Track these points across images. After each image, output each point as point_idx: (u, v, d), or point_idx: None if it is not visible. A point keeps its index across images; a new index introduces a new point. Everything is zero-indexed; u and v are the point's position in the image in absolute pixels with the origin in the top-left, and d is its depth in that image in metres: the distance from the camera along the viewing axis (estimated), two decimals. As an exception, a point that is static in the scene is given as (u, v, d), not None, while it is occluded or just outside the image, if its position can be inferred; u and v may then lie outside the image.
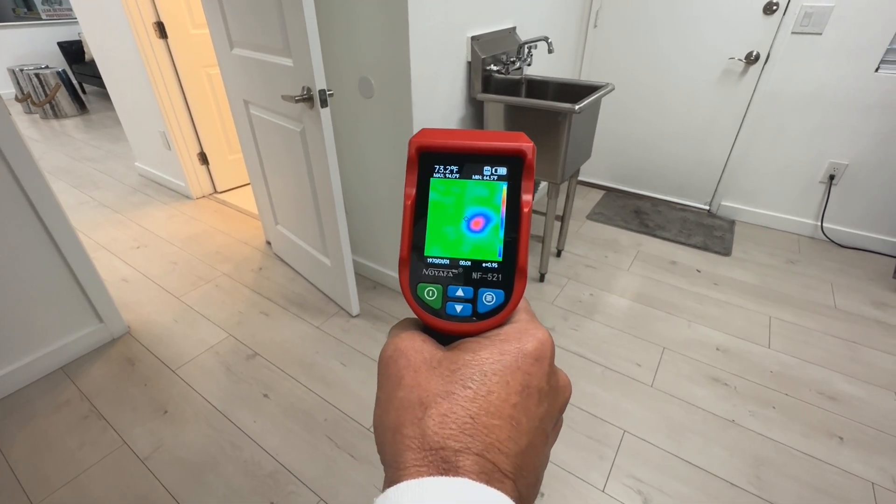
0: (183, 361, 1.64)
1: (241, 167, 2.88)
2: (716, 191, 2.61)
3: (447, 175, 0.22)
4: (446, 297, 0.22)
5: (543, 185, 2.78)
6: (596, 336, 1.76)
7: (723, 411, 1.46)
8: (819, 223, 2.38)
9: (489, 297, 0.22)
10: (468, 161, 0.22)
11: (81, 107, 4.86)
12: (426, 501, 0.15)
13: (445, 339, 0.22)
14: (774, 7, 2.09)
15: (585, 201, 2.81)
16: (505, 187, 0.22)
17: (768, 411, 1.46)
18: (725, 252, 2.30)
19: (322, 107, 1.37)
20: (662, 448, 1.34)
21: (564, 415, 1.42)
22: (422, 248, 0.23)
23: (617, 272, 2.15)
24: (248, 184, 2.96)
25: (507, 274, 0.22)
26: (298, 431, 1.39)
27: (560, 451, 1.33)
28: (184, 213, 2.70)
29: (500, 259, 0.22)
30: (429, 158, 0.23)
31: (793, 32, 2.09)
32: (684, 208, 2.71)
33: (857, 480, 1.26)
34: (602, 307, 1.92)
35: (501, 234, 0.22)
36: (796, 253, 2.31)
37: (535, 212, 2.33)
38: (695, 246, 2.34)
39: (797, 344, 1.73)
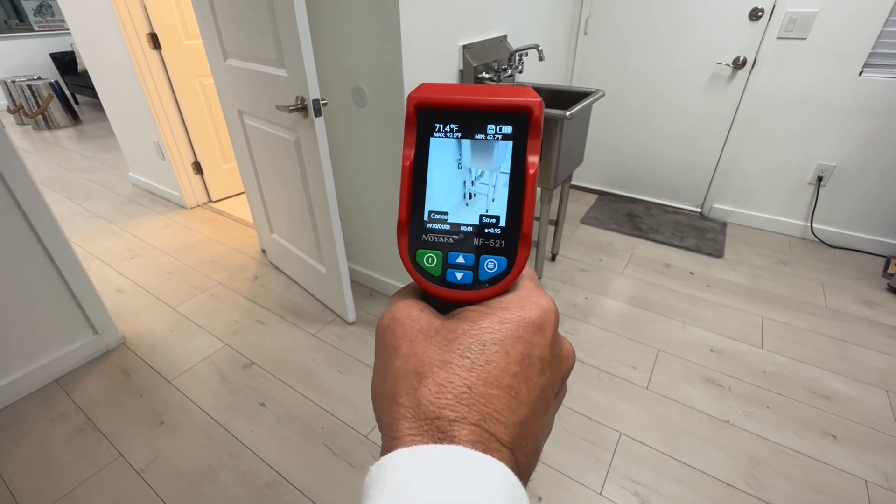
0: (179, 372, 1.64)
1: (236, 176, 2.89)
2: (707, 193, 2.64)
3: (448, 135, 0.21)
4: (446, 264, 0.21)
5: (537, 190, 2.79)
6: (592, 339, 1.78)
7: (717, 412, 1.47)
8: (809, 224, 2.42)
9: (491, 265, 0.21)
10: (470, 119, 0.21)
11: (74, 117, 4.85)
12: (420, 468, 0.15)
13: (445, 307, 0.21)
14: (760, 13, 2.13)
15: (579, 205, 2.84)
16: (510, 147, 0.21)
17: (762, 411, 1.47)
18: (718, 254, 2.32)
19: (316, 116, 1.38)
20: (658, 450, 1.35)
21: (562, 419, 1.43)
22: (421, 213, 0.22)
23: (611, 275, 2.17)
24: (243, 193, 2.96)
25: (511, 240, 0.21)
26: (296, 440, 1.39)
27: (557, 455, 1.34)
28: (178, 222, 2.69)
29: (504, 225, 0.21)
30: (429, 116, 0.21)
31: (778, 38, 2.13)
32: (677, 211, 2.74)
33: (851, 478, 1.27)
34: (597, 310, 1.93)
35: (505, 197, 0.21)
36: (787, 254, 2.34)
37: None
38: (688, 248, 2.37)
39: (789, 344, 1.75)
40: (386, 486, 0.15)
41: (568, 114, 1.53)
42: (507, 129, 0.20)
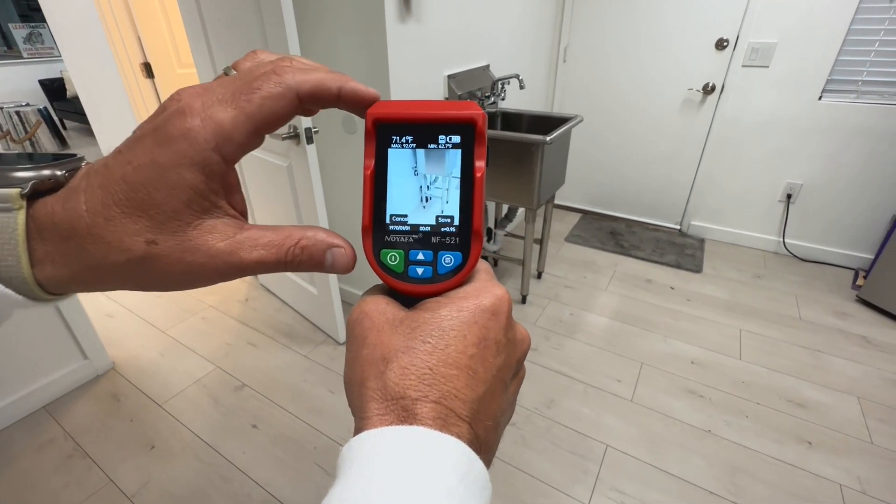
0: (170, 395, 1.64)
1: (226, 200, 2.92)
2: (685, 211, 2.75)
3: (404, 145, 0.23)
4: (408, 261, 0.23)
5: (521, 210, 2.88)
6: (577, 354, 1.83)
7: (699, 422, 1.52)
8: (781, 239, 2.53)
9: (448, 260, 0.23)
10: (423, 131, 0.23)
11: (62, 143, 4.85)
12: (384, 447, 0.17)
13: (409, 300, 0.23)
14: (725, 43, 2.27)
15: (563, 224, 2.92)
16: (459, 154, 0.23)
17: (742, 420, 1.53)
18: (696, 269, 2.41)
19: (308, 143, 1.44)
20: (644, 460, 1.39)
21: (549, 432, 1.47)
22: (383, 217, 0.24)
23: (595, 292, 2.24)
24: (233, 216, 2.99)
25: (464, 237, 0.23)
26: (288, 461, 1.40)
27: (545, 468, 1.37)
28: (168, 246, 2.70)
29: (458, 223, 0.23)
30: (386, 130, 0.23)
31: (743, 66, 2.27)
32: (657, 228, 2.84)
33: (826, 483, 1.33)
34: (582, 326, 1.99)
35: (457, 199, 0.23)
36: (762, 268, 2.44)
37: (515, 236, 2.42)
38: (668, 264, 2.46)
39: (766, 355, 1.82)
40: (353, 465, 0.17)
41: (548, 139, 1.61)
42: (456, 139, 0.23)
